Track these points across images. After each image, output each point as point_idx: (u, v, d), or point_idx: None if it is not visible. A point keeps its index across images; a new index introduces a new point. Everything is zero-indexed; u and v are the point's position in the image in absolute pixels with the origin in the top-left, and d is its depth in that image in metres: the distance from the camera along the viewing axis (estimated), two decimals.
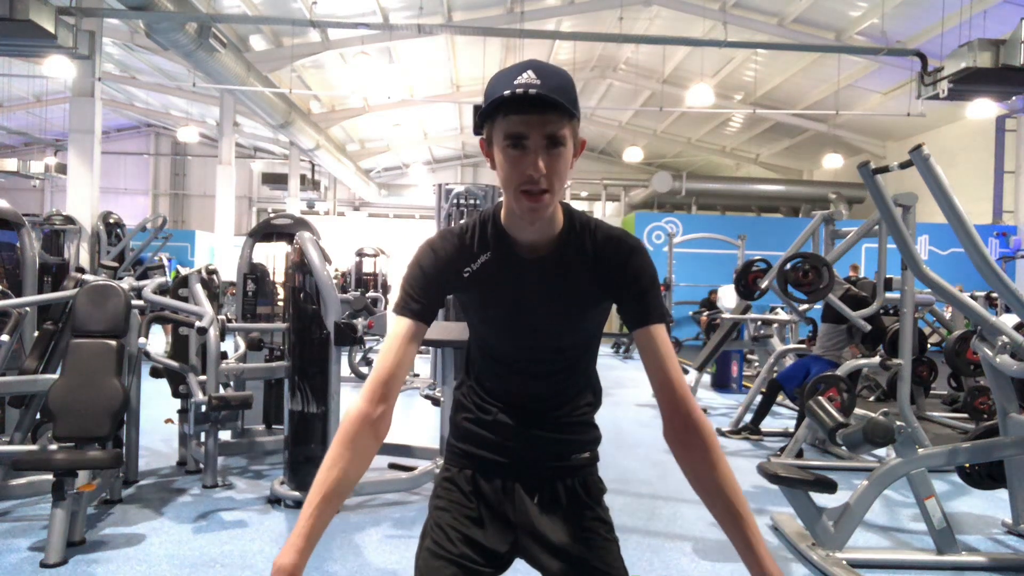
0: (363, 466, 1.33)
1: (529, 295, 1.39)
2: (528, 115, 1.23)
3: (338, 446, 1.31)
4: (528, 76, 1.22)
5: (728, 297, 10.44)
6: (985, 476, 3.79)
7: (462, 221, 1.49)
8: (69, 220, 9.26)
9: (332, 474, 1.29)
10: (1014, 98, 11.16)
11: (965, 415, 6.73)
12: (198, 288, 4.69)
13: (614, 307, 1.44)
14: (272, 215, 6.90)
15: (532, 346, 1.44)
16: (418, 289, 1.39)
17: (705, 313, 11.73)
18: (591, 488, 1.49)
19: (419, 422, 6.55)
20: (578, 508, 1.46)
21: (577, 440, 1.49)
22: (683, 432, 1.33)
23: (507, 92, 1.21)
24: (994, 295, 8.22)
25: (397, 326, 1.39)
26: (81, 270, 7.57)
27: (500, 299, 1.41)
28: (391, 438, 2.48)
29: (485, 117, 1.28)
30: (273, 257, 7.00)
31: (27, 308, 4.49)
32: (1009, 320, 4.51)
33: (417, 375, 8.93)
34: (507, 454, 1.46)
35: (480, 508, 1.45)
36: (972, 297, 4.83)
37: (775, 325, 7.44)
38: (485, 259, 1.39)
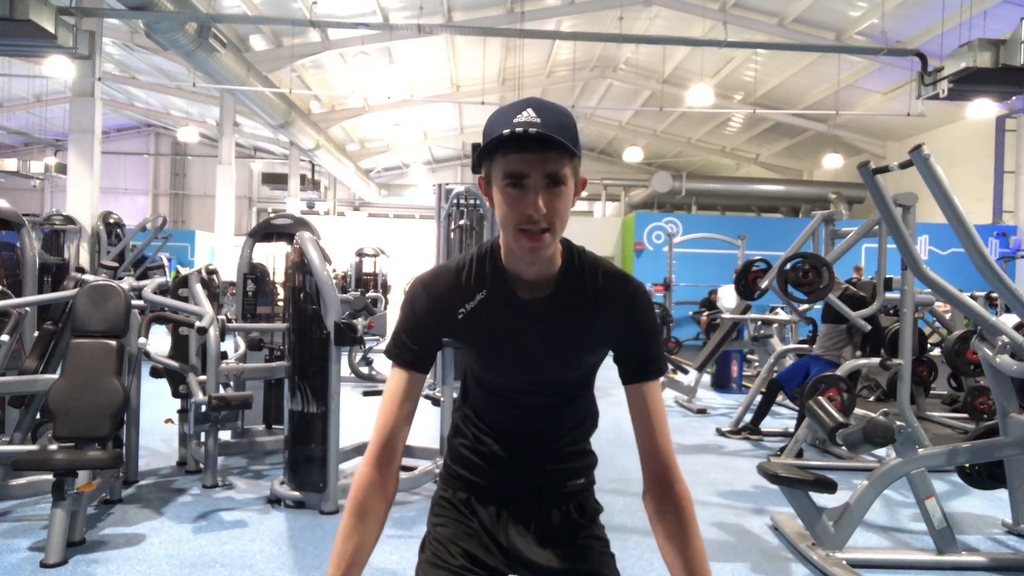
0: (376, 532, 1.34)
1: (527, 335, 1.35)
2: (528, 154, 1.20)
3: (350, 516, 1.32)
4: (528, 114, 1.20)
5: (728, 297, 10.45)
6: (985, 476, 3.79)
7: (459, 255, 1.44)
8: (69, 220, 9.26)
9: (348, 546, 1.31)
10: (1014, 98, 11.15)
11: (965, 415, 6.73)
12: (198, 288, 4.69)
13: None
14: (272, 215, 6.89)
15: (529, 383, 1.41)
16: (411, 334, 1.37)
17: (705, 313, 11.73)
18: (586, 510, 1.48)
19: (419, 422, 6.49)
20: (572, 529, 1.45)
21: (573, 468, 1.48)
22: (661, 501, 1.33)
23: (506, 131, 1.18)
24: (994, 295, 8.22)
25: (393, 380, 1.37)
26: (81, 270, 7.57)
27: (497, 338, 1.37)
28: None
29: (484, 156, 1.24)
30: (273, 257, 7.00)
31: (27, 308, 4.49)
32: (1009, 320, 4.51)
33: None
34: (502, 482, 1.45)
35: (475, 528, 1.45)
36: (972, 297, 4.83)
37: (775, 325, 7.44)
38: (482, 297, 1.35)
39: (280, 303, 6.15)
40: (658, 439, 1.33)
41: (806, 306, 5.97)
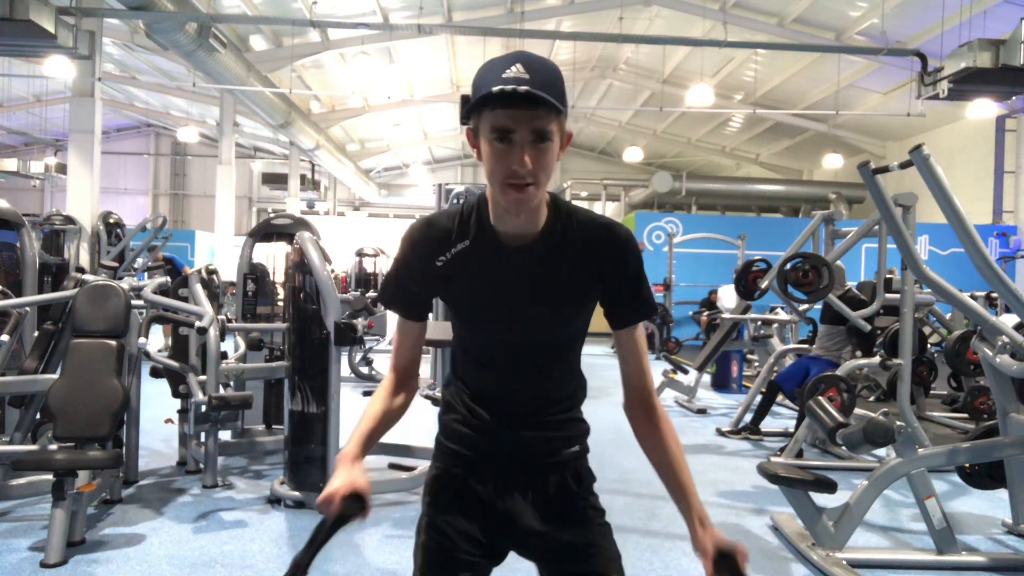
0: (401, 407, 1.47)
1: (511, 288, 1.36)
2: (516, 110, 1.21)
3: (376, 395, 1.47)
4: (517, 69, 1.21)
5: (728, 297, 10.46)
6: (985, 476, 3.78)
7: (457, 204, 1.47)
8: (69, 220, 9.25)
9: (375, 408, 1.43)
10: (1014, 98, 11.16)
11: (965, 415, 6.73)
12: (198, 288, 4.69)
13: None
14: (272, 215, 6.89)
15: (515, 342, 1.40)
16: (398, 279, 1.44)
17: (705, 313, 11.73)
18: (583, 478, 1.48)
19: (419, 422, 6.50)
20: (570, 499, 1.45)
21: (566, 436, 1.48)
22: (644, 418, 1.45)
23: (496, 88, 1.19)
24: (994, 295, 8.22)
25: (397, 323, 1.49)
26: (81, 270, 7.57)
27: (480, 289, 1.38)
28: (391, 438, 2.48)
29: (473, 109, 1.26)
30: (273, 257, 7.00)
31: (27, 308, 4.49)
32: (1009, 320, 4.51)
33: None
34: (497, 454, 1.45)
35: (473, 504, 1.43)
36: (972, 297, 4.83)
37: (775, 325, 7.44)
38: (464, 247, 1.37)
39: (280, 303, 6.15)
40: (644, 370, 1.46)
41: (806, 306, 5.96)
